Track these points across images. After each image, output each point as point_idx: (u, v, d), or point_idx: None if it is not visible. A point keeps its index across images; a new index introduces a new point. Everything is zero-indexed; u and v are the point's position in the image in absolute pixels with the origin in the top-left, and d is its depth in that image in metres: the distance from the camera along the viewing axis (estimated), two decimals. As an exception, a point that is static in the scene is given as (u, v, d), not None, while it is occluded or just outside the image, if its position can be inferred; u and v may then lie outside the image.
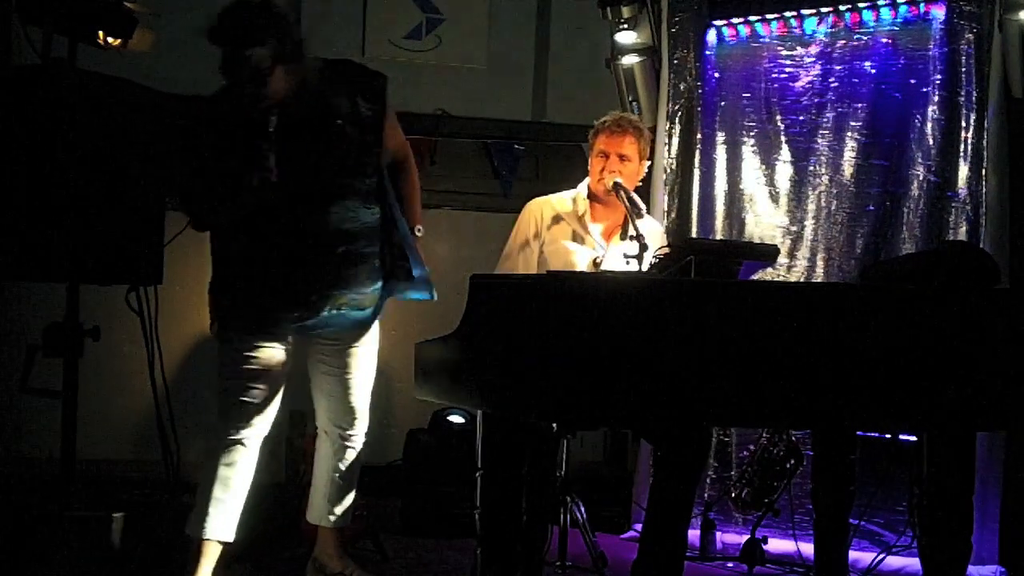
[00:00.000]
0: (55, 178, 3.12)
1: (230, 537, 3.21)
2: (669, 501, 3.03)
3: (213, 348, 3.23)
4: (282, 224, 3.11)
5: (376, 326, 3.40)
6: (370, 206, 3.20)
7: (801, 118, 4.33)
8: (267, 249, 3.12)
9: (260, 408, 3.21)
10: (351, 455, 3.44)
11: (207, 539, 3.17)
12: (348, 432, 3.42)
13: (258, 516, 3.42)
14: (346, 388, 3.38)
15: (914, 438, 3.43)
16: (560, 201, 3.74)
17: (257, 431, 3.23)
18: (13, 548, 3.18)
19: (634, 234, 3.30)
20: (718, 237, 4.40)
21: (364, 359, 3.39)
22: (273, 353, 3.21)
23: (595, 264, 3.61)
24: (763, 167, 4.39)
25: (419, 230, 3.40)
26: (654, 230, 3.75)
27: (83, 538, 3.33)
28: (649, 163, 3.79)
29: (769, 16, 4.38)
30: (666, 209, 4.53)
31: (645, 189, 4.53)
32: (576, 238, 3.68)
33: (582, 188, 3.73)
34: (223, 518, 3.18)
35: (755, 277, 3.47)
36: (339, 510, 3.46)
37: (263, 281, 3.13)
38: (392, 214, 3.27)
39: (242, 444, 3.20)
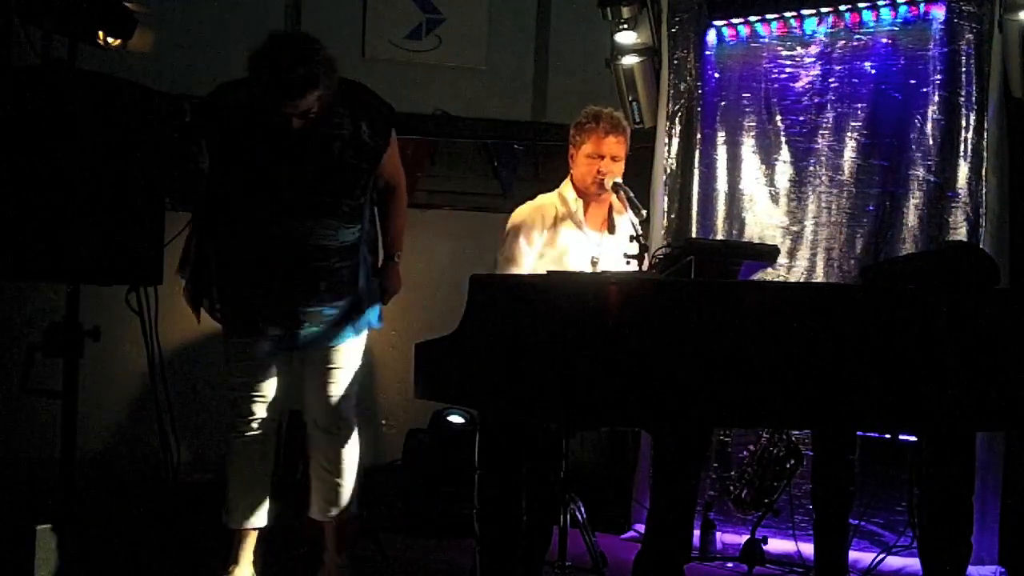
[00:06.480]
0: (55, 178, 3.12)
1: (263, 523, 3.43)
2: (671, 501, 3.03)
3: (213, 348, 3.25)
4: (266, 233, 3.26)
5: (358, 328, 3.46)
6: (350, 225, 3.32)
7: (801, 118, 4.33)
8: (250, 258, 3.29)
9: (266, 398, 3.38)
10: (340, 449, 3.46)
11: (243, 528, 3.39)
12: (332, 426, 3.45)
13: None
14: (327, 385, 3.42)
15: (914, 438, 3.44)
16: (550, 202, 3.65)
17: (268, 420, 3.40)
18: (14, 549, 3.16)
19: (634, 234, 3.28)
20: (718, 237, 4.40)
21: (345, 356, 3.43)
22: (266, 346, 3.35)
23: (592, 263, 3.58)
24: (763, 167, 4.39)
25: (398, 256, 3.54)
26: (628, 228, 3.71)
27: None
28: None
29: (769, 16, 4.38)
30: (666, 209, 4.53)
31: (645, 189, 4.54)
32: (572, 237, 3.62)
33: (568, 188, 3.61)
34: (253, 507, 3.39)
35: (755, 277, 3.48)
36: (336, 503, 3.47)
37: (246, 292, 3.31)
38: (373, 235, 3.45)
39: (256, 435, 3.39)
